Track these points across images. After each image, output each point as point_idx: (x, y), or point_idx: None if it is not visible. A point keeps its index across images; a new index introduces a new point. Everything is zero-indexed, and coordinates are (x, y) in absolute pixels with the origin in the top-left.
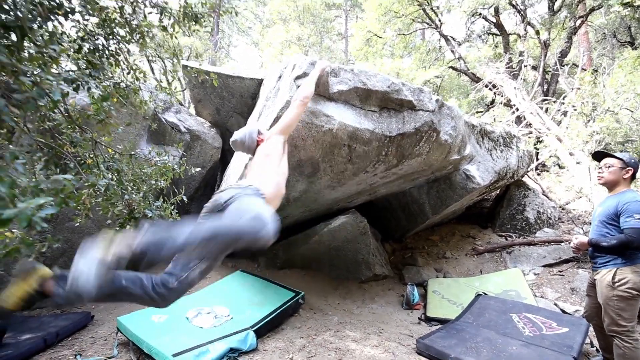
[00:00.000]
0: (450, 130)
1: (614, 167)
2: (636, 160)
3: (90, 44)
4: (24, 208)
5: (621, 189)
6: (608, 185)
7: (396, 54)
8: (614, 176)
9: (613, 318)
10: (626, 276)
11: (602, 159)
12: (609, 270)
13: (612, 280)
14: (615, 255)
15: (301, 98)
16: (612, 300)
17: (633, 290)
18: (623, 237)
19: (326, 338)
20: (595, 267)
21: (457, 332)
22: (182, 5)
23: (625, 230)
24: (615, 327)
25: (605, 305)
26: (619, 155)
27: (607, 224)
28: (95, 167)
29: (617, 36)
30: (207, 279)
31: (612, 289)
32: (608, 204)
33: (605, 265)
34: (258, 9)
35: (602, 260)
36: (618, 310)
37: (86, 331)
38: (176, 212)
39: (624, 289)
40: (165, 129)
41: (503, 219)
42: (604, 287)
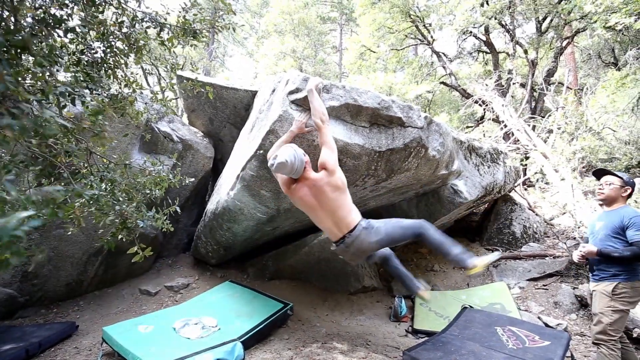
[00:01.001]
0: (438, 146)
1: (614, 185)
2: (634, 180)
3: (89, 57)
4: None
5: (619, 205)
6: (607, 201)
7: (389, 68)
8: (613, 193)
9: (605, 328)
10: (626, 291)
11: (602, 177)
12: (611, 283)
13: (613, 292)
14: (623, 266)
15: (320, 124)
16: (608, 311)
17: (629, 304)
18: (636, 249)
19: (314, 350)
20: (595, 279)
21: (443, 345)
22: (180, 22)
23: (635, 242)
24: (605, 335)
25: (600, 315)
26: (620, 174)
27: (613, 237)
28: (88, 177)
29: (601, 57)
30: (196, 289)
31: (611, 300)
32: (611, 218)
33: (608, 279)
34: (254, 20)
35: (605, 275)
36: (611, 321)
37: (70, 341)
38: (168, 222)
39: (622, 301)
40: (158, 138)
41: (490, 233)
42: (602, 297)
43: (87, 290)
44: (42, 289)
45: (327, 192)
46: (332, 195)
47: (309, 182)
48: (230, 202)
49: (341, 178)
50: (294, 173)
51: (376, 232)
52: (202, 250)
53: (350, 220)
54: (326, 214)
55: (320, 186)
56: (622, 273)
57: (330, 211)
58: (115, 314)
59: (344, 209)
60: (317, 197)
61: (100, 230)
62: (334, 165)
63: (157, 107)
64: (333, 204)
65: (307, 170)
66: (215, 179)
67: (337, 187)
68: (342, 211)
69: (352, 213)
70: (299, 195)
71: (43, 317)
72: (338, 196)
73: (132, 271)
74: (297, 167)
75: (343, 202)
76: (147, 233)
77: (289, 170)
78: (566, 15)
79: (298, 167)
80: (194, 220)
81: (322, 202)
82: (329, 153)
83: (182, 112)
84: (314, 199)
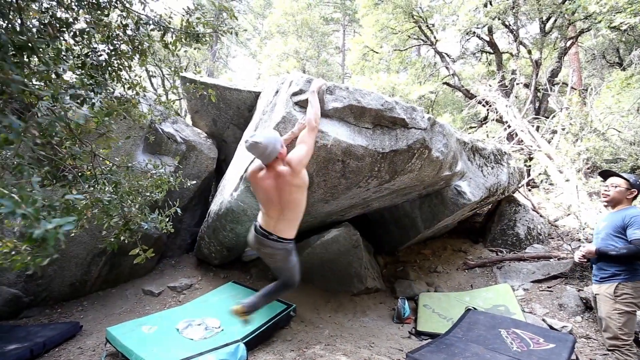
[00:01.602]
0: (442, 147)
1: (620, 187)
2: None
3: (93, 60)
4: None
5: (624, 206)
6: (612, 203)
7: (392, 68)
8: (619, 195)
9: (615, 332)
10: (627, 291)
11: (608, 178)
12: (611, 284)
13: (614, 293)
14: (620, 264)
15: (313, 124)
16: (614, 314)
17: (634, 305)
18: (633, 247)
19: (317, 351)
20: (596, 281)
21: (447, 347)
22: (184, 25)
23: (633, 241)
24: (617, 341)
25: (607, 320)
26: (626, 176)
27: (614, 236)
28: (93, 180)
29: (606, 57)
30: (199, 290)
31: (615, 302)
32: (613, 218)
33: (609, 280)
34: (257, 21)
35: (605, 275)
36: (620, 325)
37: (74, 341)
38: (170, 224)
39: (626, 302)
40: (162, 139)
41: (494, 234)
42: (605, 300)
43: (91, 291)
44: (46, 289)
45: (287, 190)
46: (291, 195)
47: (275, 174)
48: (234, 203)
49: (304, 179)
50: (263, 158)
51: (290, 259)
52: (205, 250)
53: (289, 228)
54: (278, 209)
55: (283, 181)
56: (622, 273)
57: (283, 209)
58: (118, 314)
59: (291, 213)
60: (279, 191)
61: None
62: (298, 164)
63: (161, 108)
64: (288, 204)
65: (278, 161)
66: (218, 179)
67: (298, 187)
68: (289, 215)
69: (294, 225)
70: (263, 184)
71: (47, 317)
72: (295, 198)
73: (135, 271)
74: (269, 153)
75: (295, 208)
76: (151, 233)
77: (260, 152)
78: (570, 15)
79: (270, 152)
80: (197, 220)
81: (281, 198)
82: (301, 151)
83: (185, 113)
84: (275, 192)
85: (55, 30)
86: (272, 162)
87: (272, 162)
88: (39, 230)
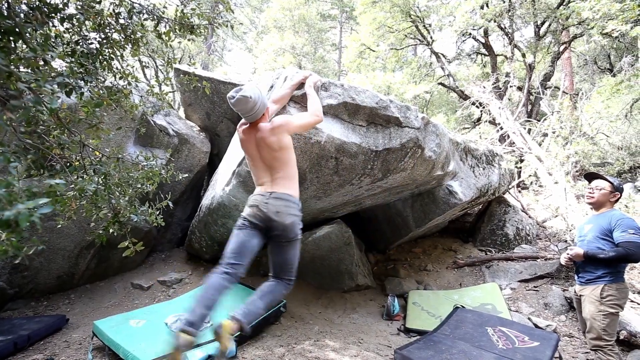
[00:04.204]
0: (434, 147)
1: (605, 190)
2: (623, 186)
3: (84, 47)
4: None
5: (607, 209)
6: (596, 205)
7: (388, 67)
8: (603, 198)
9: (599, 333)
10: (612, 293)
11: (593, 180)
12: (597, 286)
13: (601, 295)
14: (609, 268)
15: (318, 114)
16: (599, 316)
17: (618, 306)
18: (621, 250)
19: (306, 347)
20: (581, 282)
21: (434, 344)
22: (178, 16)
23: (621, 243)
24: (600, 341)
25: (592, 321)
26: (610, 179)
27: (600, 239)
28: (82, 170)
29: (597, 63)
30: (189, 285)
31: (600, 304)
32: (599, 221)
33: (594, 282)
34: (254, 15)
35: (590, 277)
36: (604, 326)
37: (60, 335)
38: (161, 217)
39: (611, 304)
40: (154, 131)
41: (484, 234)
42: (592, 302)
43: (78, 284)
44: (32, 282)
45: (267, 145)
46: (272, 152)
47: (255, 131)
48: (226, 198)
49: (281, 143)
50: (251, 115)
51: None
52: (196, 245)
53: (290, 185)
54: (264, 166)
55: (263, 135)
56: (607, 275)
57: (268, 166)
58: (106, 307)
59: (280, 170)
60: (259, 149)
61: (92, 224)
62: (280, 125)
63: (154, 100)
64: (271, 161)
65: (264, 118)
66: (211, 173)
67: (277, 144)
68: (277, 172)
69: (294, 182)
70: (248, 144)
71: (33, 310)
72: (277, 154)
73: (124, 265)
74: (257, 110)
75: (282, 164)
76: (141, 227)
77: (249, 108)
78: (564, 20)
79: (258, 109)
80: (188, 214)
81: (262, 153)
82: (291, 118)
83: (178, 106)
84: (257, 152)
85: (44, 16)
86: (258, 119)
87: (257, 119)
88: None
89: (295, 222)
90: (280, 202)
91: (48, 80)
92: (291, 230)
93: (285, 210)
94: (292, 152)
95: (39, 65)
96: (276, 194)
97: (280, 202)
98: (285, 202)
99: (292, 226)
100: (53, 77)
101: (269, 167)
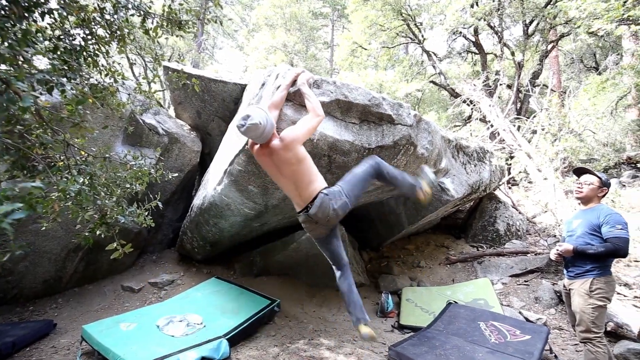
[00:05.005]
0: (427, 144)
1: (593, 185)
2: (610, 181)
3: (67, 43)
4: None
5: (595, 204)
6: (584, 200)
7: (380, 65)
8: (591, 193)
9: (588, 325)
10: (601, 286)
11: (582, 175)
12: (586, 280)
13: (590, 289)
14: (597, 263)
15: (319, 113)
16: (588, 309)
17: (606, 299)
18: (610, 245)
19: (300, 346)
20: (570, 276)
21: (428, 340)
22: (165, 11)
23: (609, 239)
24: (589, 334)
25: (582, 314)
26: (599, 175)
27: (589, 234)
28: (66, 170)
29: (583, 61)
30: (181, 286)
31: (589, 297)
32: (587, 216)
33: (583, 276)
34: (244, 12)
35: (579, 271)
36: (593, 318)
37: (47, 340)
38: (150, 218)
39: (599, 297)
40: (143, 130)
41: (475, 230)
42: (581, 295)
43: (66, 287)
44: (17, 286)
45: (285, 162)
46: (291, 166)
47: (269, 151)
48: (217, 198)
49: (297, 155)
50: (261, 138)
51: (338, 196)
52: (188, 245)
53: (312, 190)
54: (288, 181)
55: (278, 157)
56: (595, 269)
57: (291, 180)
58: (95, 311)
59: (304, 179)
60: (278, 167)
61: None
62: (292, 141)
63: (142, 98)
64: (293, 175)
65: (274, 136)
66: (202, 173)
67: (295, 158)
68: (302, 182)
69: (315, 183)
70: (262, 159)
71: (18, 316)
72: (297, 167)
73: (114, 267)
74: (267, 132)
75: (303, 173)
76: (131, 228)
77: (259, 133)
78: (552, 19)
79: (267, 132)
80: (179, 215)
81: (282, 170)
82: (297, 129)
83: (168, 105)
84: (275, 169)
85: (22, 10)
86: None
87: (270, 139)
88: None
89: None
90: (324, 205)
91: (27, 77)
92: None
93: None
94: (307, 155)
95: (17, 62)
96: (313, 204)
97: (324, 205)
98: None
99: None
100: (32, 74)
101: (294, 180)
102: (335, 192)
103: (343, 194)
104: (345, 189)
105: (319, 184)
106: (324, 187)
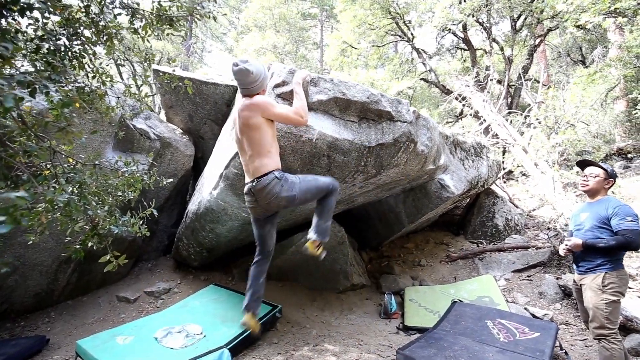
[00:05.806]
0: (426, 140)
1: (599, 177)
2: (615, 172)
3: (50, 44)
4: None
5: (602, 196)
6: (591, 192)
7: (370, 64)
8: (598, 185)
9: (602, 322)
10: (613, 280)
11: (586, 167)
12: (598, 274)
13: (602, 284)
14: (608, 256)
15: (302, 115)
16: (602, 304)
17: (619, 293)
18: (621, 238)
19: (304, 353)
20: (581, 272)
21: (436, 342)
22: (155, 8)
23: (620, 231)
24: (604, 330)
25: (595, 310)
26: (604, 166)
27: (599, 227)
28: (53, 179)
29: (570, 55)
30: (178, 294)
31: (602, 293)
32: (595, 209)
33: (595, 270)
34: (233, 15)
35: (590, 266)
36: (607, 314)
37: (40, 357)
38: (145, 227)
39: (612, 292)
40: (134, 135)
41: (474, 226)
42: (593, 291)
43: (58, 300)
44: (7, 301)
45: (244, 123)
46: (248, 130)
47: (242, 106)
48: (213, 202)
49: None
50: (246, 88)
51: (290, 187)
52: (184, 252)
53: (261, 165)
54: (242, 146)
55: (243, 112)
56: (607, 263)
57: (244, 145)
58: (90, 324)
59: (254, 148)
60: (240, 125)
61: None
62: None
63: (132, 102)
64: (247, 140)
65: (253, 97)
66: (196, 178)
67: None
68: (252, 151)
69: (266, 159)
70: (238, 115)
71: (9, 332)
72: (252, 134)
73: (108, 277)
74: (254, 86)
75: (256, 143)
76: (124, 236)
77: (246, 82)
78: (539, 14)
79: (255, 86)
80: (174, 221)
81: (241, 131)
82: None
83: (159, 109)
84: (238, 127)
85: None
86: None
87: (251, 94)
88: None
89: (289, 196)
90: (271, 187)
91: (6, 78)
92: (291, 201)
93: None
94: (265, 134)
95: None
96: (255, 181)
97: (270, 188)
98: (265, 181)
99: (290, 199)
100: (12, 75)
101: (246, 146)
102: (290, 182)
103: (296, 189)
104: (301, 186)
105: (271, 163)
106: (278, 169)
